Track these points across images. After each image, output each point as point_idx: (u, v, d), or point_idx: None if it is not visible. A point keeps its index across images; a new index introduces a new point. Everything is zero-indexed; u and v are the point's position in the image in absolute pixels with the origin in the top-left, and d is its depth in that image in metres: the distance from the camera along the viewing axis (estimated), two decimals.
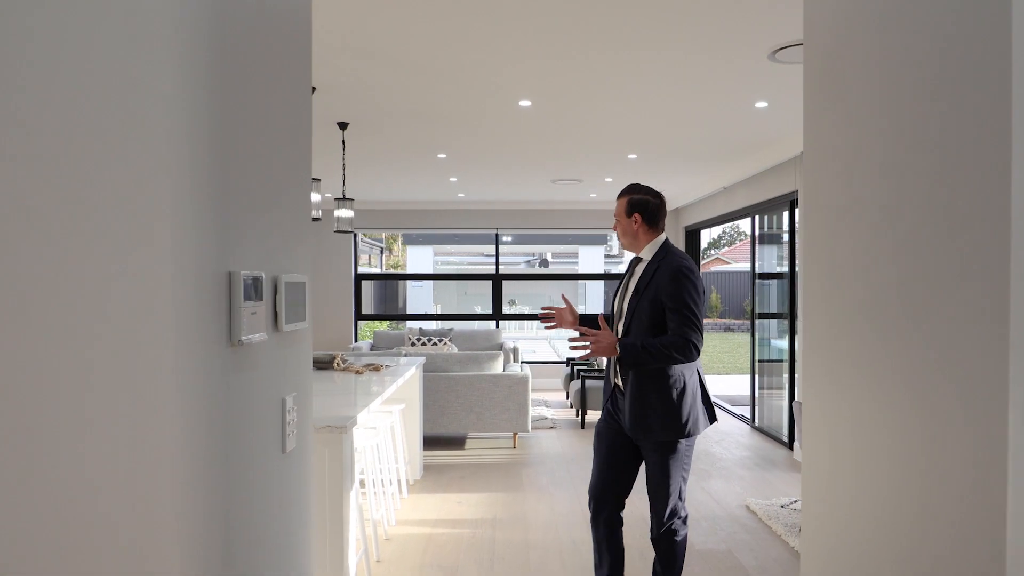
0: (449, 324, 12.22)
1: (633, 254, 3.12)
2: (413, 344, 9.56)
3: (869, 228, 1.55)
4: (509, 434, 6.96)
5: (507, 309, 11.41)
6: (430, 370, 6.62)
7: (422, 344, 9.55)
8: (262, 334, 1.36)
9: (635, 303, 2.96)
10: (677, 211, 10.49)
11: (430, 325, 13.29)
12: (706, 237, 17.70)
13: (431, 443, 6.84)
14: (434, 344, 9.54)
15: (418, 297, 19.45)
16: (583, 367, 9.01)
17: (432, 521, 4.66)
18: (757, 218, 7.79)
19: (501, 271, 10.80)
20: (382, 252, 21.77)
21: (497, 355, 6.74)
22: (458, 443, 6.89)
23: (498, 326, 10.73)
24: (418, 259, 21.32)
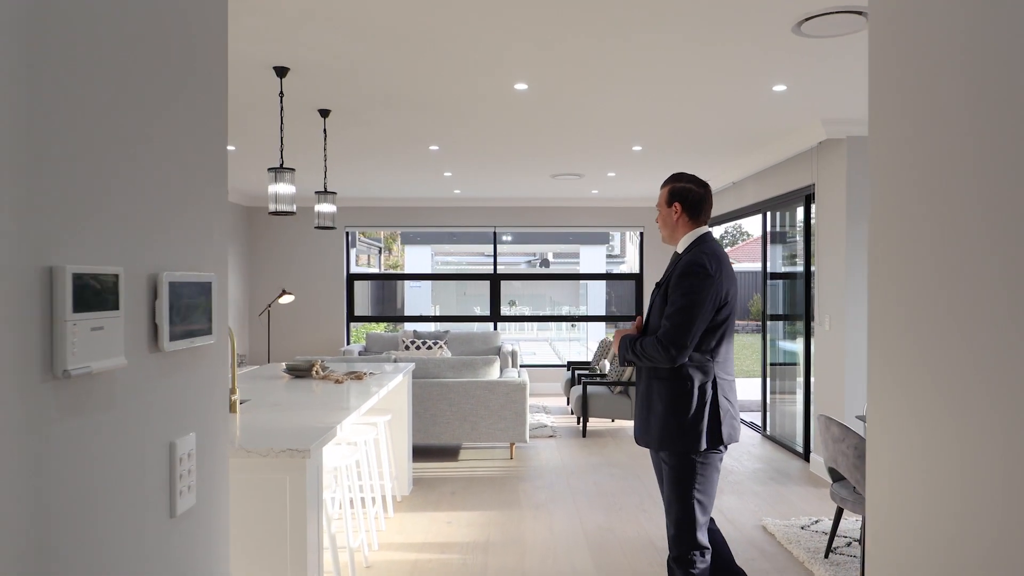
0: (446, 326, 11.80)
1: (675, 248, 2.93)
2: (407, 347, 9.14)
3: (961, 223, 1.14)
4: (505, 444, 6.54)
5: (507, 310, 11.01)
6: (421, 376, 6.20)
7: (416, 348, 9.13)
8: (118, 359, 0.94)
9: (654, 298, 2.87)
10: None
11: (427, 327, 12.87)
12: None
13: (422, 454, 6.43)
14: (428, 348, 9.13)
15: (416, 298, 19.04)
16: (584, 371, 8.58)
17: (418, 545, 4.24)
18: (768, 215, 7.37)
19: (501, 271, 10.38)
20: (380, 252, 21.39)
21: (493, 360, 6.32)
22: (451, 454, 6.47)
23: (496, 328, 10.32)
24: (416, 259, 20.92)
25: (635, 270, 10.80)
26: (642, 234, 10.25)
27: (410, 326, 13.24)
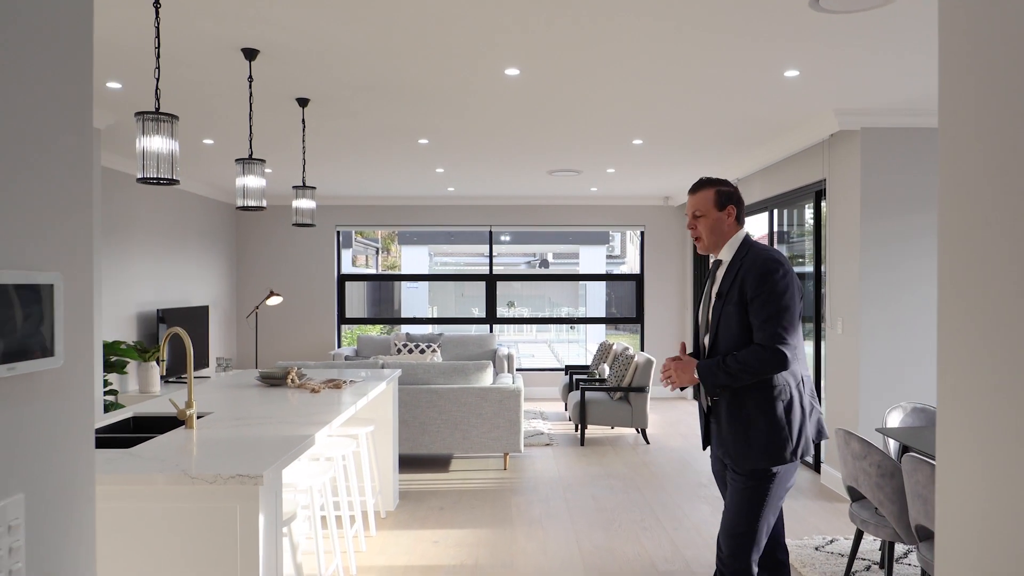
0: (441, 328, 11.46)
1: (710, 256, 2.78)
2: (399, 351, 8.82)
3: None
4: (499, 454, 6.22)
5: (505, 312, 10.69)
6: (410, 382, 5.88)
7: (408, 351, 8.81)
8: None
9: (720, 310, 2.62)
10: (685, 207, 9.73)
11: (422, 329, 12.53)
12: None
13: (411, 465, 6.09)
14: (421, 351, 8.80)
15: (414, 299, 18.70)
16: (583, 376, 8.25)
17: (401, 568, 3.91)
18: (775, 212, 7.04)
19: (500, 272, 10.05)
20: (378, 252, 21.06)
21: (486, 366, 5.99)
22: (441, 464, 6.14)
23: (492, 330, 9.99)
24: (414, 260, 20.58)
25: (635, 270, 10.48)
26: (643, 233, 9.92)
27: (404, 328, 12.94)
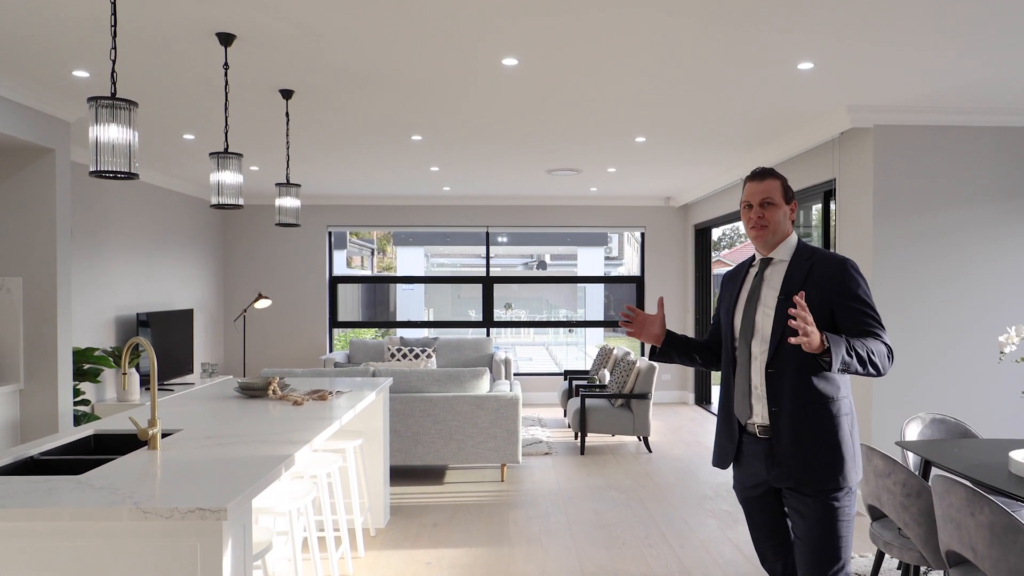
0: (437, 332, 11.19)
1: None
2: (392, 356, 8.56)
3: None
4: (496, 465, 5.96)
5: (502, 314, 10.44)
6: (403, 391, 5.62)
7: (402, 356, 8.55)
8: None
9: (777, 312, 2.33)
10: (687, 207, 9.49)
11: (417, 333, 12.25)
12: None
13: (404, 476, 5.83)
14: (416, 356, 8.54)
15: (410, 302, 18.43)
16: (583, 382, 8.00)
17: None
18: None
19: (497, 273, 9.80)
20: (373, 253, 20.82)
21: (482, 373, 5.73)
22: (436, 476, 5.88)
23: (489, 334, 9.73)
24: (410, 261, 20.30)
25: (633, 272, 10.23)
26: (643, 235, 9.67)
27: (399, 332, 12.66)
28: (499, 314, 10.15)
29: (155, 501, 2.01)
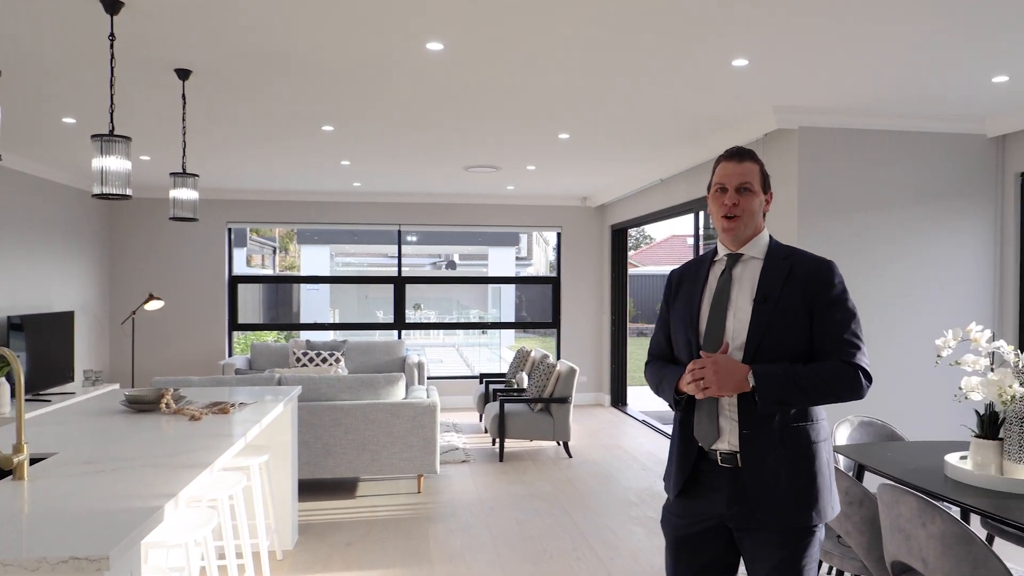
0: (345, 334, 10.72)
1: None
2: (299, 360, 8.08)
3: None
4: (413, 476, 5.65)
5: (412, 315, 10.09)
6: (312, 399, 5.23)
7: (309, 360, 8.08)
8: None
9: (766, 316, 1.96)
10: (604, 208, 9.43)
11: (324, 336, 11.72)
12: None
13: (313, 491, 5.44)
14: (324, 360, 8.10)
15: (314, 303, 17.74)
16: (500, 386, 7.78)
17: None
18: (701, 214, 6.79)
19: (405, 274, 9.45)
20: (275, 252, 19.96)
21: (397, 379, 5.41)
22: (347, 490, 5.51)
23: (400, 336, 9.38)
24: (314, 260, 19.57)
25: (542, 272, 10.10)
26: (559, 235, 9.55)
27: (304, 335, 12.10)
28: (409, 315, 9.80)
29: (19, 549, 1.64)
